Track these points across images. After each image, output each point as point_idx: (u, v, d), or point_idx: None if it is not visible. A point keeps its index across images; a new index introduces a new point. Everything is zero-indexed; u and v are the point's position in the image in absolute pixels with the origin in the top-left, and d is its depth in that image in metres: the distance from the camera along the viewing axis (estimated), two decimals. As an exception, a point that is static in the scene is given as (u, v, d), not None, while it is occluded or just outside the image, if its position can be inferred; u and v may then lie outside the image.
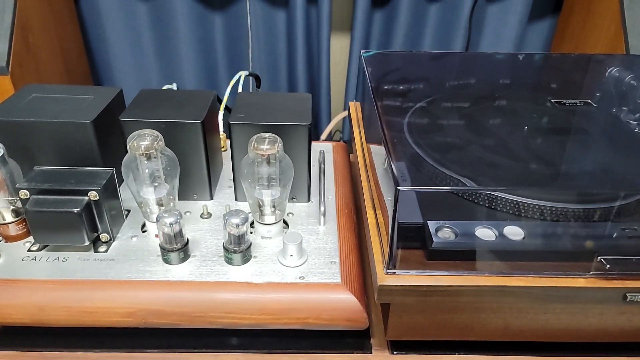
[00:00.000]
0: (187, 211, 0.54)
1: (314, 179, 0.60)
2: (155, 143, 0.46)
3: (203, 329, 0.46)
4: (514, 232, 0.41)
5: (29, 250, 0.48)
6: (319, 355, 0.45)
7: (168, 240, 0.45)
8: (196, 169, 0.54)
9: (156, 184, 0.48)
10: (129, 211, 0.53)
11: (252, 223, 0.51)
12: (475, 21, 1.01)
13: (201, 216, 0.53)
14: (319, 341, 0.46)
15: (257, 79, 0.85)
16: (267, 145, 0.46)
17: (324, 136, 0.91)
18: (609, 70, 0.66)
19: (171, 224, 0.44)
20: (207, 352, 0.45)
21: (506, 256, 0.40)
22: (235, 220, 0.44)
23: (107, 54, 1.04)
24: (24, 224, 0.49)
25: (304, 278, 0.45)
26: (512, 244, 0.40)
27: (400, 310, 0.43)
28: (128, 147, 0.46)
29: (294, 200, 0.56)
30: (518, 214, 0.41)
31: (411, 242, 0.41)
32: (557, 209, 0.41)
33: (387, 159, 0.43)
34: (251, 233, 0.51)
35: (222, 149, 0.66)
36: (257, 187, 0.48)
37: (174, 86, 0.84)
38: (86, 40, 1.02)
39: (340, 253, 0.49)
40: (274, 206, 0.49)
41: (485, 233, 0.41)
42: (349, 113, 0.71)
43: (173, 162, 0.48)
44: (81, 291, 0.44)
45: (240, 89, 0.72)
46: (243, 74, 0.75)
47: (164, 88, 0.64)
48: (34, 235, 0.46)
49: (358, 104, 0.72)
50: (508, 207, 0.42)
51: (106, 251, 0.48)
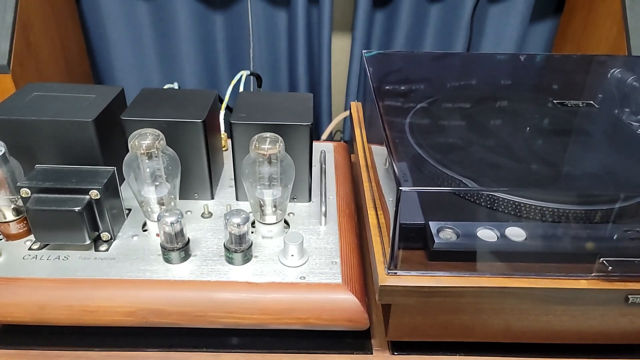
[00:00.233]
0: (188, 210, 0.54)
1: (315, 179, 0.59)
2: (157, 142, 0.46)
3: (204, 328, 0.46)
4: (515, 233, 0.41)
5: (29, 249, 0.48)
6: (319, 356, 0.45)
7: (169, 240, 0.45)
8: (197, 168, 0.53)
9: (157, 183, 0.48)
10: (130, 210, 0.53)
11: (253, 223, 0.51)
12: (477, 22, 1.01)
13: (202, 216, 0.53)
14: (319, 341, 0.46)
15: (259, 78, 0.84)
16: (268, 145, 0.46)
17: (324, 136, 0.91)
18: (611, 71, 0.66)
19: (172, 223, 0.44)
20: (207, 351, 0.45)
21: (508, 257, 0.40)
22: (236, 220, 0.44)
23: (108, 53, 1.04)
24: (25, 222, 0.49)
25: (304, 278, 0.45)
26: (513, 245, 0.40)
27: (401, 311, 0.43)
28: (129, 146, 0.46)
29: (295, 200, 0.56)
30: (520, 215, 0.41)
31: (412, 242, 0.41)
32: (559, 210, 0.41)
33: (388, 159, 0.43)
34: (252, 233, 0.51)
35: (223, 149, 0.66)
36: (258, 186, 0.48)
37: (175, 85, 0.84)
38: (87, 40, 1.02)
39: (341, 253, 0.48)
40: (275, 206, 0.49)
41: (486, 234, 0.41)
42: (350, 113, 0.71)
43: (174, 161, 0.48)
44: (82, 290, 0.44)
45: (241, 89, 0.72)
46: (244, 73, 0.74)
47: (165, 87, 0.64)
48: (34, 234, 0.46)
49: (359, 104, 0.72)
50: (510, 208, 0.41)
51: (107, 250, 0.48)
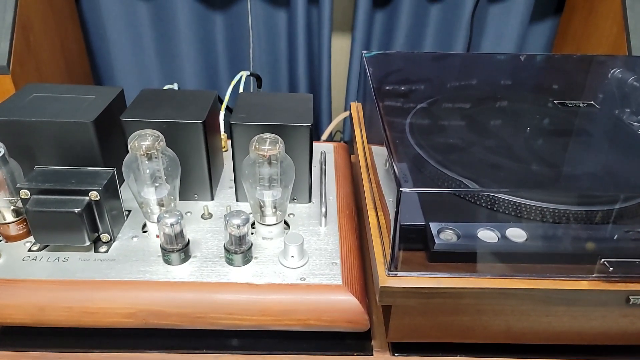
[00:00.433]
0: (188, 211, 0.54)
1: (315, 180, 0.59)
2: (157, 143, 0.46)
3: (204, 330, 0.46)
4: (516, 234, 0.41)
5: (29, 250, 0.48)
6: (319, 357, 0.45)
7: (169, 241, 0.45)
8: (197, 169, 0.53)
9: (157, 184, 0.48)
10: (129, 211, 0.53)
11: (253, 224, 0.51)
12: (477, 22, 1.01)
13: (202, 217, 0.53)
14: (319, 343, 0.46)
15: (258, 79, 0.84)
16: (268, 145, 0.46)
17: (324, 137, 0.91)
18: (611, 71, 0.66)
19: (172, 225, 0.44)
20: (207, 353, 0.45)
21: (508, 258, 0.40)
22: (236, 221, 0.44)
23: (108, 54, 1.04)
24: (25, 223, 0.49)
25: (304, 279, 0.45)
26: (514, 246, 0.40)
27: (402, 312, 0.43)
28: (129, 147, 0.46)
29: (295, 201, 0.56)
30: (520, 215, 0.41)
31: (413, 243, 0.41)
32: (559, 211, 0.40)
33: (388, 160, 0.43)
34: (252, 234, 0.51)
35: (223, 150, 0.65)
36: (258, 187, 0.48)
37: (175, 86, 0.85)
38: (87, 40, 1.02)
39: (341, 254, 0.48)
40: (275, 207, 0.49)
41: (487, 235, 0.41)
42: (350, 113, 0.71)
43: (174, 162, 0.48)
44: (82, 291, 0.44)
45: (241, 89, 0.72)
46: (244, 74, 0.74)
47: (165, 88, 0.64)
48: (34, 235, 0.46)
49: (359, 104, 0.72)
50: (510, 209, 0.41)
51: (107, 251, 0.48)
